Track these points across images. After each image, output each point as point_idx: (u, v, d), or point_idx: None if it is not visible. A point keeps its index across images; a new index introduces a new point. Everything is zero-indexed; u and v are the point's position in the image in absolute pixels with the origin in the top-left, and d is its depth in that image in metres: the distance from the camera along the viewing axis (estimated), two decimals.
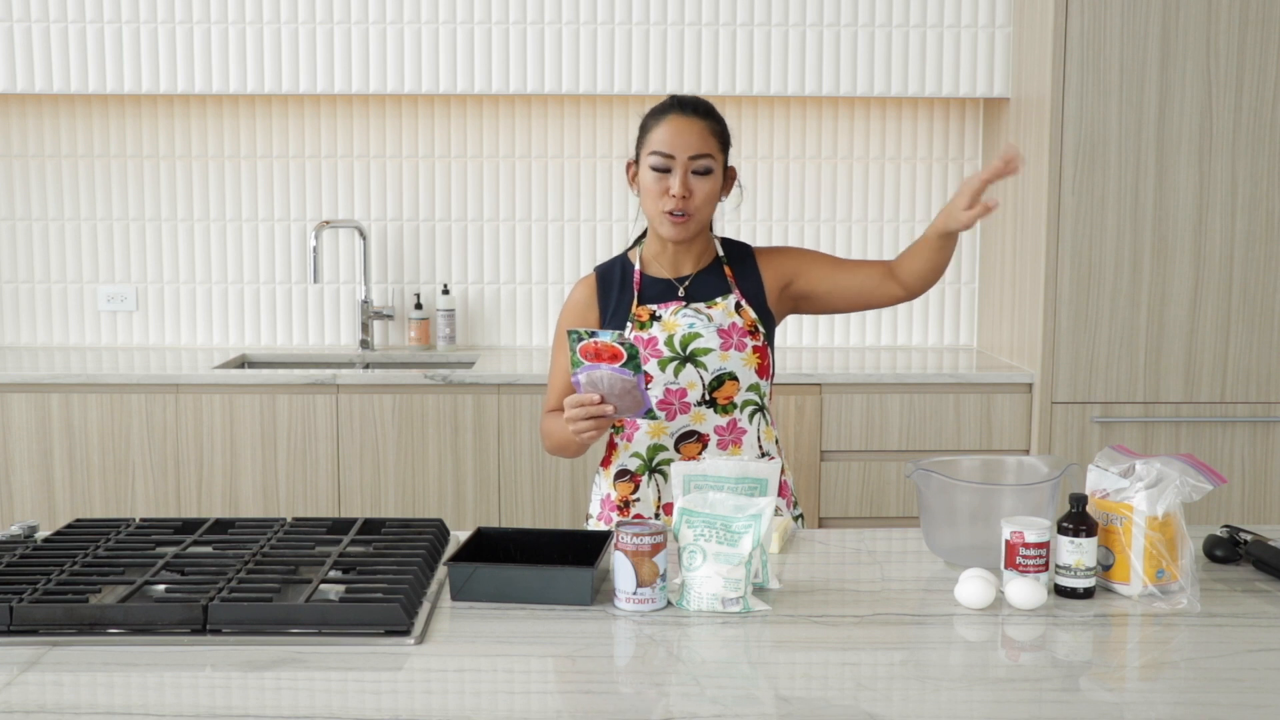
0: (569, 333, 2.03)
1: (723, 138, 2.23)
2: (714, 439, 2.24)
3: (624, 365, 2.03)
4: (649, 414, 2.09)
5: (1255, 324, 3.53)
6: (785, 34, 3.80)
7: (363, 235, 4.02)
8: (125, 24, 3.75)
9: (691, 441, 2.24)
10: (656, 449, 2.25)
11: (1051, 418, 3.54)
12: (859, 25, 3.80)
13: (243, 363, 3.95)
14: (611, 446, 2.32)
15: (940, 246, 2.18)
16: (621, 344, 2.00)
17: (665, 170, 2.18)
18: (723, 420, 2.24)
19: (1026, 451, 3.58)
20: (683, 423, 2.24)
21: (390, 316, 4.07)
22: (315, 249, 3.90)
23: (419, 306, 4.04)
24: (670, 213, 2.19)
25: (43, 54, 3.76)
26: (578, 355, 2.04)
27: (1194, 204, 3.48)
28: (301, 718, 1.40)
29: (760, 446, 2.28)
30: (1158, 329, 3.52)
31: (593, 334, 2.02)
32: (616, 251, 4.05)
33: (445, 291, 4.03)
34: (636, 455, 2.27)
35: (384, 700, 1.45)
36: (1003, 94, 3.82)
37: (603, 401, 2.04)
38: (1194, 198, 3.48)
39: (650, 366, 2.22)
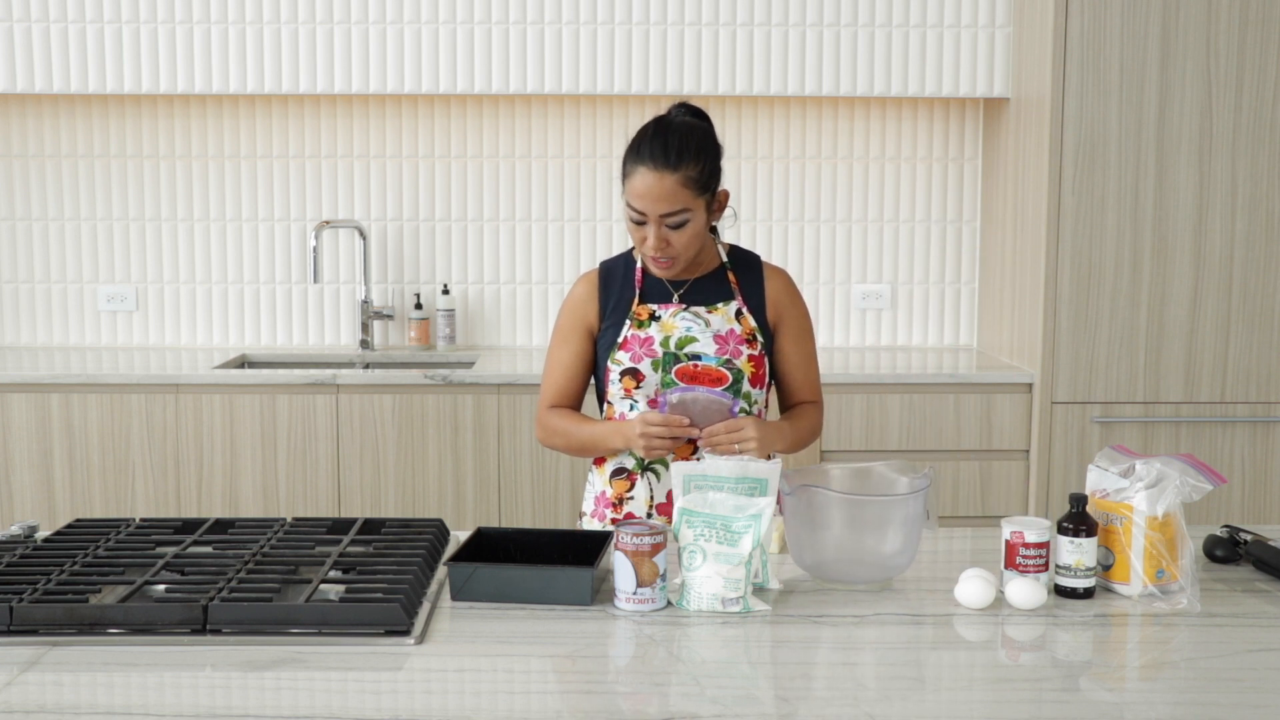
0: (665, 354, 2.09)
1: (700, 183, 2.15)
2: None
3: (726, 389, 2.12)
4: None
5: (1255, 324, 3.53)
6: (785, 34, 3.80)
7: (363, 235, 4.02)
8: (125, 24, 3.75)
9: (684, 442, 2.24)
10: None
11: (1051, 418, 3.55)
12: (859, 25, 3.80)
13: (243, 363, 3.95)
14: None
15: None
16: (728, 369, 2.05)
17: (641, 223, 2.17)
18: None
19: (1026, 452, 3.58)
20: None
21: (390, 316, 4.07)
22: (315, 249, 3.90)
23: (419, 306, 4.04)
24: (654, 257, 2.20)
25: (43, 54, 3.76)
26: (672, 376, 2.11)
27: (1194, 204, 3.48)
28: (301, 718, 1.40)
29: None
30: (1158, 329, 3.52)
31: (695, 358, 2.06)
32: (616, 251, 4.05)
33: (445, 291, 4.03)
34: (632, 455, 2.27)
35: (384, 700, 1.45)
36: (1003, 94, 3.82)
37: (691, 424, 2.13)
38: (1194, 198, 3.48)
39: (644, 365, 2.23)
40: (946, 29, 3.81)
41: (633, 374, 2.23)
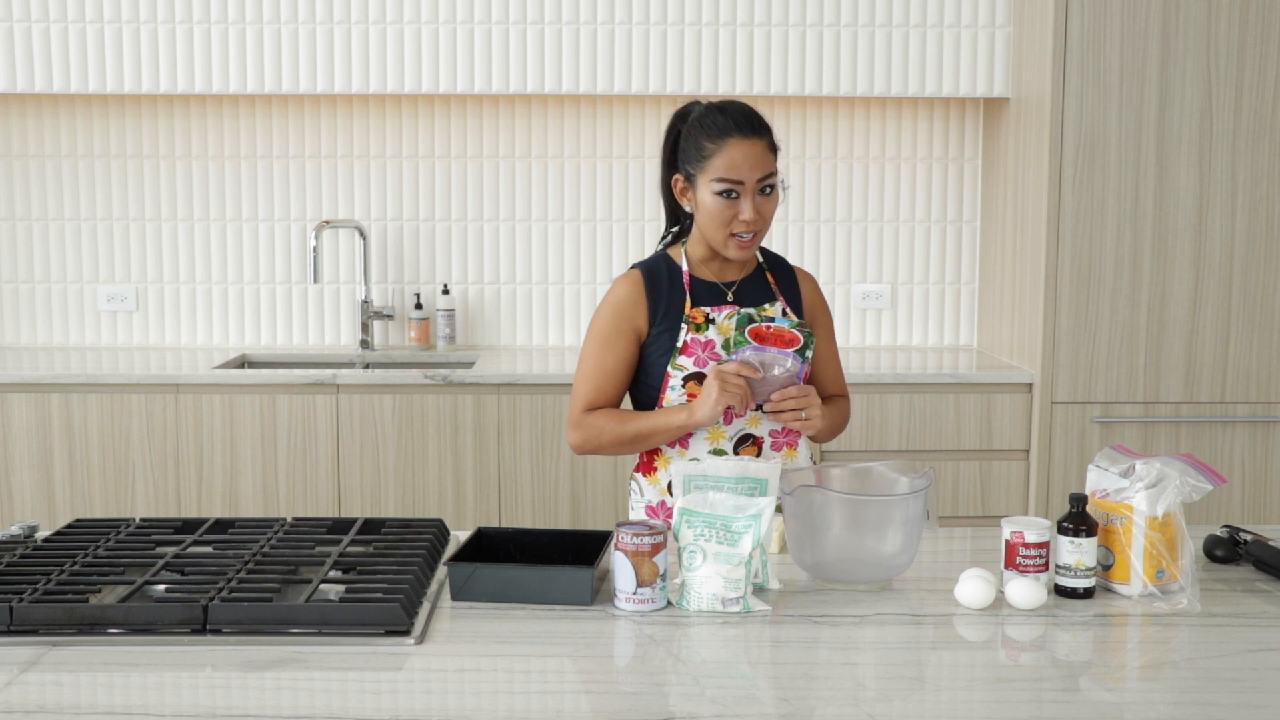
0: (740, 311, 2.09)
1: (775, 149, 2.20)
2: (768, 441, 2.24)
3: (798, 351, 2.06)
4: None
5: (1255, 324, 3.53)
6: (785, 34, 3.80)
7: (363, 235, 4.02)
8: (125, 24, 3.75)
9: (749, 445, 2.23)
10: (718, 453, 2.21)
11: (1051, 418, 3.55)
12: (859, 25, 3.80)
13: (243, 363, 3.95)
14: (656, 451, 2.27)
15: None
16: (801, 330, 2.01)
17: (733, 195, 2.15)
18: (776, 424, 2.23)
19: (1026, 452, 3.58)
20: (739, 426, 2.22)
21: (390, 316, 4.07)
22: (315, 249, 3.91)
23: (419, 306, 4.04)
24: (738, 235, 2.17)
25: (43, 54, 3.76)
26: (745, 335, 2.05)
27: (1194, 204, 3.48)
28: (301, 718, 1.40)
29: (810, 448, 2.30)
30: (1158, 329, 3.52)
31: (769, 318, 2.03)
32: (617, 250, 4.06)
33: (445, 291, 4.03)
34: (695, 460, 2.22)
35: (384, 700, 1.45)
36: (1003, 94, 3.82)
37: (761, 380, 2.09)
38: (1194, 198, 3.48)
39: (709, 369, 2.18)
40: (946, 29, 3.81)
41: (698, 379, 2.18)
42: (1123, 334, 3.52)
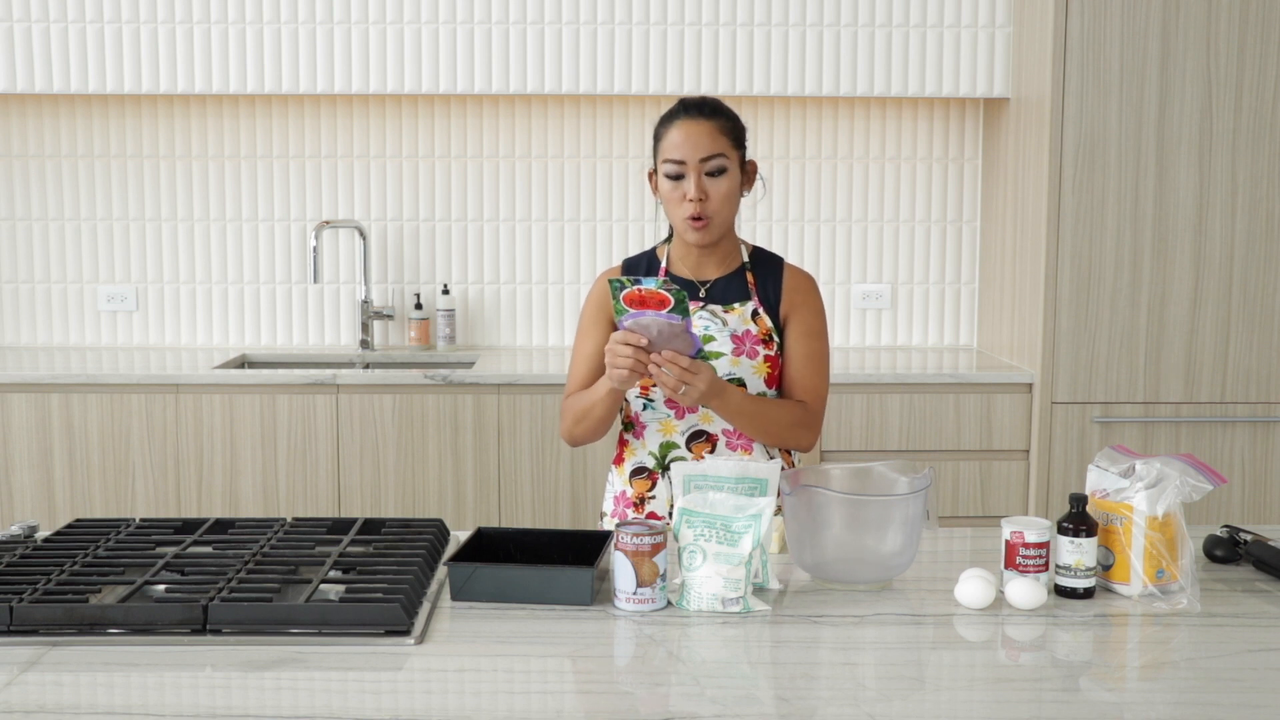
0: (610, 281, 2.04)
1: (734, 135, 2.22)
2: (722, 439, 2.25)
3: (671, 310, 2.04)
4: (700, 353, 2.16)
5: (1255, 324, 3.53)
6: (785, 34, 3.80)
7: (363, 235, 4.02)
8: (125, 24, 3.75)
9: (701, 441, 2.25)
10: (669, 446, 2.26)
11: (1051, 418, 3.55)
12: (859, 25, 3.80)
13: (243, 363, 3.95)
14: (623, 444, 2.33)
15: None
16: (668, 290, 2.02)
17: (679, 177, 2.19)
18: (730, 424, 2.24)
19: (1026, 452, 3.58)
20: (692, 421, 2.25)
21: (390, 316, 4.07)
22: (315, 249, 3.90)
23: (419, 306, 4.04)
24: (691, 218, 2.19)
25: (43, 54, 3.76)
26: (621, 303, 2.05)
27: (1194, 204, 3.48)
28: (301, 718, 1.40)
29: (768, 452, 2.29)
30: (1158, 329, 3.52)
31: (636, 281, 2.03)
32: (616, 250, 4.06)
33: (445, 291, 4.03)
34: (651, 454, 2.27)
35: (384, 700, 1.45)
36: (1003, 94, 3.82)
37: (648, 346, 2.06)
38: (1194, 198, 3.48)
39: None
40: (946, 29, 3.81)
41: None
42: (1123, 334, 3.52)
